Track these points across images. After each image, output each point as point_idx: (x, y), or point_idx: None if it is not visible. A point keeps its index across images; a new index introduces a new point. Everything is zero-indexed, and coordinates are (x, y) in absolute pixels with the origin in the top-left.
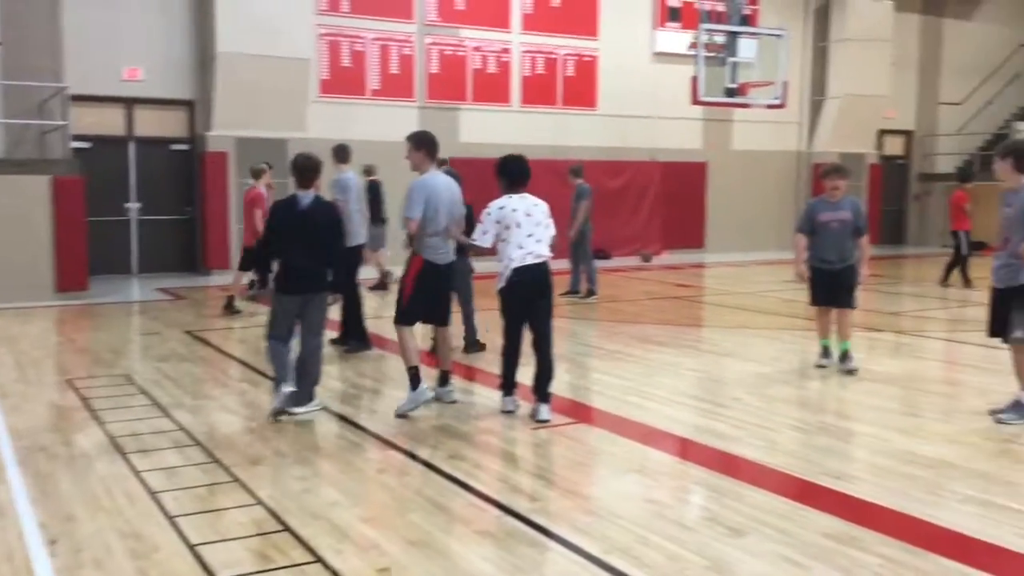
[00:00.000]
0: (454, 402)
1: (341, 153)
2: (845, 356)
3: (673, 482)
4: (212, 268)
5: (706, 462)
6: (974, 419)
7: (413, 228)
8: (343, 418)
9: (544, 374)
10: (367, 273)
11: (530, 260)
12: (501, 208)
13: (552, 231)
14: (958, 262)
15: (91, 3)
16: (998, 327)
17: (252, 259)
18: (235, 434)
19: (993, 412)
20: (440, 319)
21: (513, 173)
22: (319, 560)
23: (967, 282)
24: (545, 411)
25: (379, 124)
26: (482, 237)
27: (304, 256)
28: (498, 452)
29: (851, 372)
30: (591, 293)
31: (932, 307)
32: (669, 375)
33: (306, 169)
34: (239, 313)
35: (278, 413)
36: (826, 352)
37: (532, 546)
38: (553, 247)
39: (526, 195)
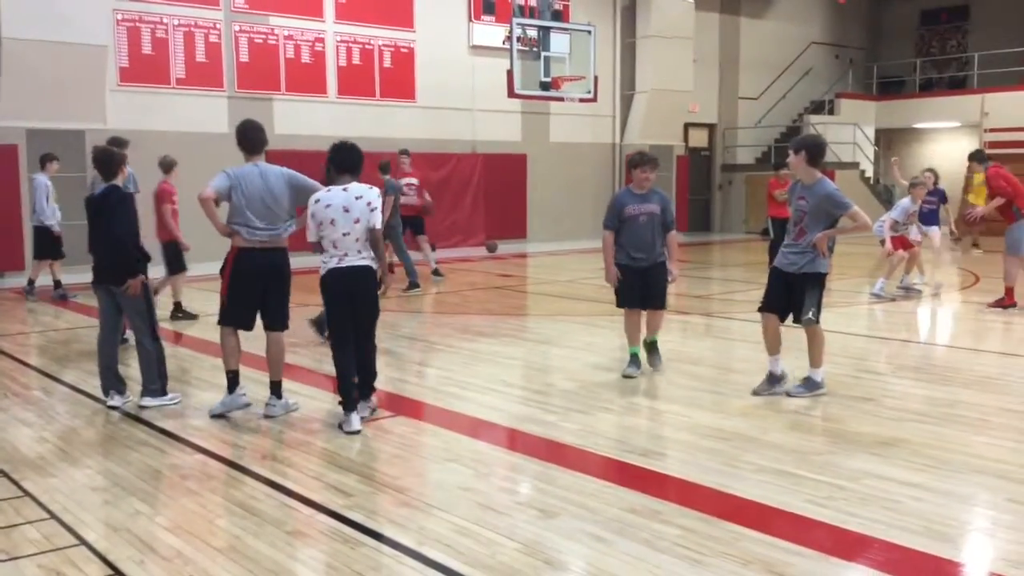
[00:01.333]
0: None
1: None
2: (652, 348)
3: (489, 470)
4: (3, 270)
5: (523, 448)
6: (771, 395)
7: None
8: (144, 422)
9: (365, 379)
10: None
11: (345, 263)
12: (316, 202)
13: (372, 223)
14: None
15: None
16: (777, 306)
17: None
18: (26, 445)
19: (763, 388)
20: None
21: (335, 162)
22: (118, 573)
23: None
24: (357, 420)
25: (186, 114)
26: (308, 234)
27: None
28: (314, 451)
29: (656, 367)
30: (413, 285)
31: (736, 290)
32: (490, 364)
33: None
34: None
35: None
36: (635, 360)
37: (346, 543)
38: (374, 240)
39: (352, 186)
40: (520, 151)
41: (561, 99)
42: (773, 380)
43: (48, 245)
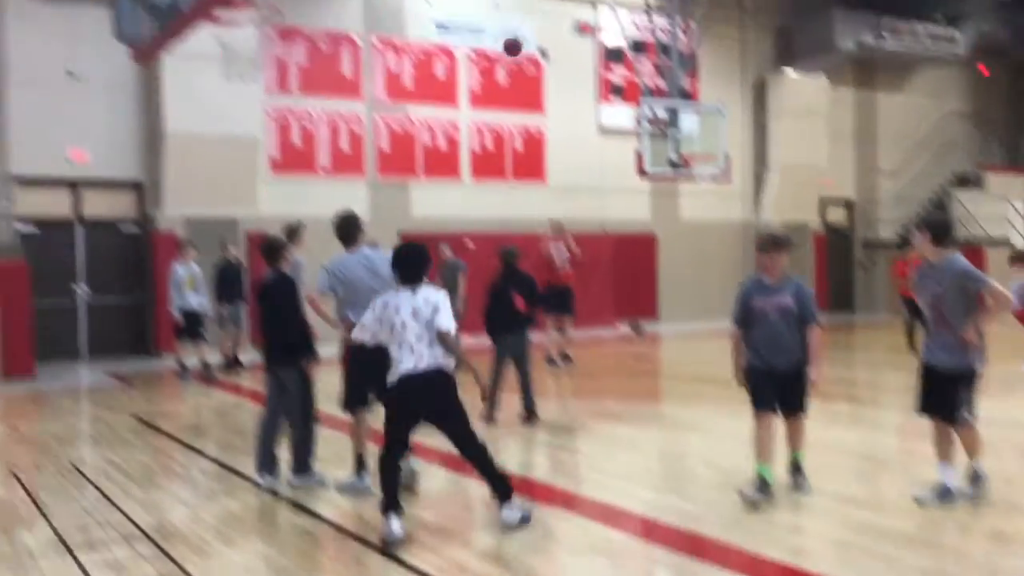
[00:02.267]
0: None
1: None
2: (796, 469)
3: (634, 563)
4: (163, 350)
5: (665, 540)
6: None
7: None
8: (297, 503)
9: (488, 477)
10: None
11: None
12: (385, 304)
13: (443, 325)
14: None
15: (35, 85)
16: (934, 406)
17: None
18: (186, 525)
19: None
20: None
21: (402, 265)
22: None
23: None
24: (508, 514)
25: (331, 201)
26: (359, 331)
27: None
28: (454, 537)
29: (801, 488)
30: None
31: (883, 374)
32: (628, 450)
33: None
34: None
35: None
36: (763, 485)
37: None
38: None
39: (423, 288)
40: (650, 230)
41: (692, 178)
42: (945, 493)
43: (187, 328)
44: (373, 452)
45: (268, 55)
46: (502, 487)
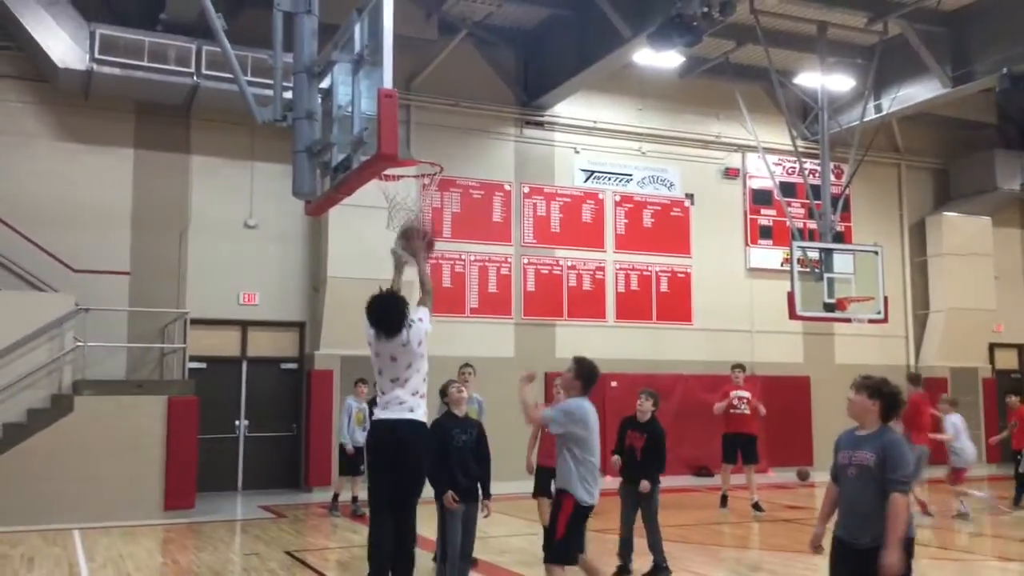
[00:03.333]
0: None
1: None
2: None
3: None
4: (313, 485)
5: None
6: None
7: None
8: None
9: None
10: None
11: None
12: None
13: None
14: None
15: (214, 235)
16: None
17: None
18: None
19: None
20: None
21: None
22: None
23: None
24: None
25: (477, 341)
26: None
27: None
28: None
29: None
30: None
31: None
32: None
33: None
34: None
35: None
36: None
37: None
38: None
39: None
40: (803, 373)
41: (848, 320)
42: None
43: (346, 463)
44: None
45: (426, 204)
46: None
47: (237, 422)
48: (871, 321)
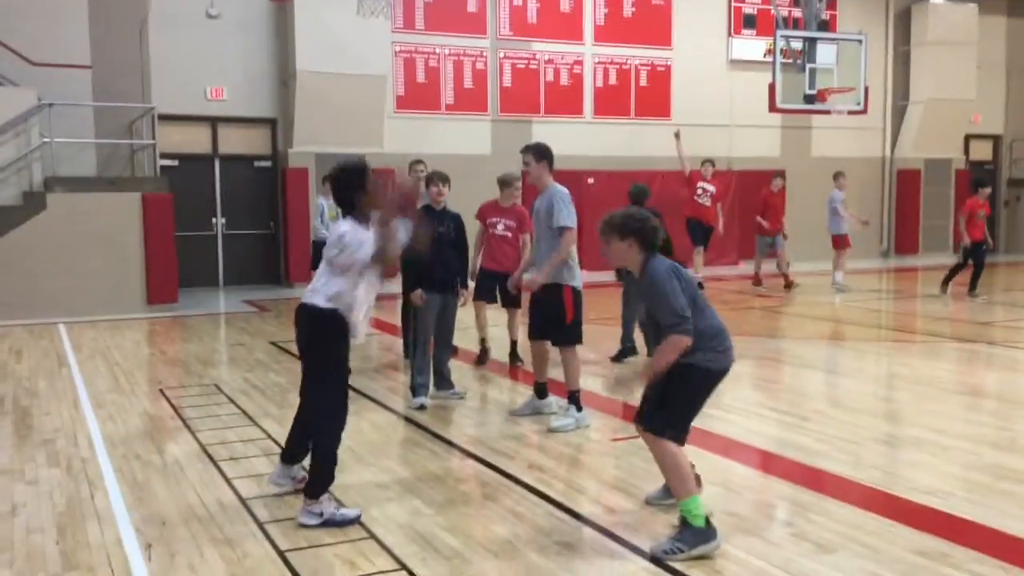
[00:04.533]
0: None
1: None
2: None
3: (755, 496)
4: (294, 281)
5: (790, 477)
6: None
7: (574, 239)
8: (420, 426)
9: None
10: None
11: None
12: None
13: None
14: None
15: (176, 27)
16: None
17: None
18: None
19: None
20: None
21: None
22: (404, 567)
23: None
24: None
25: (453, 138)
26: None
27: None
28: (575, 463)
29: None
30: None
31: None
32: (750, 387)
33: None
34: None
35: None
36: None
37: (612, 558)
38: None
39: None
40: (779, 167)
41: (828, 112)
42: None
43: (320, 258)
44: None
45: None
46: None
47: (214, 219)
48: (851, 112)
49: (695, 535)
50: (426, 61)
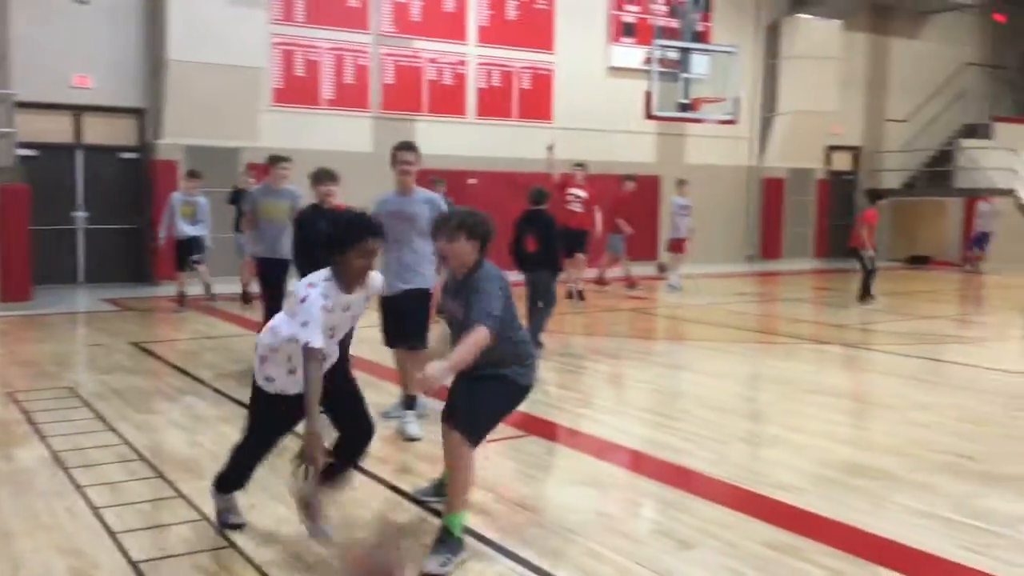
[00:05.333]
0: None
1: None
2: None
3: (623, 495)
4: (160, 279)
5: (656, 475)
6: (915, 430)
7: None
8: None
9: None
10: None
11: None
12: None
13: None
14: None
15: (39, 10)
16: None
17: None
18: (180, 448)
19: None
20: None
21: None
22: None
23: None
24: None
25: (333, 134)
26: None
27: None
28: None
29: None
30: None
31: (877, 320)
32: (620, 387)
33: None
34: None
35: None
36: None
37: (481, 560)
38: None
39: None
40: (654, 172)
41: (700, 121)
42: None
43: (178, 257)
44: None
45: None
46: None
47: (74, 213)
48: (722, 122)
49: (458, 544)
50: (305, 54)
